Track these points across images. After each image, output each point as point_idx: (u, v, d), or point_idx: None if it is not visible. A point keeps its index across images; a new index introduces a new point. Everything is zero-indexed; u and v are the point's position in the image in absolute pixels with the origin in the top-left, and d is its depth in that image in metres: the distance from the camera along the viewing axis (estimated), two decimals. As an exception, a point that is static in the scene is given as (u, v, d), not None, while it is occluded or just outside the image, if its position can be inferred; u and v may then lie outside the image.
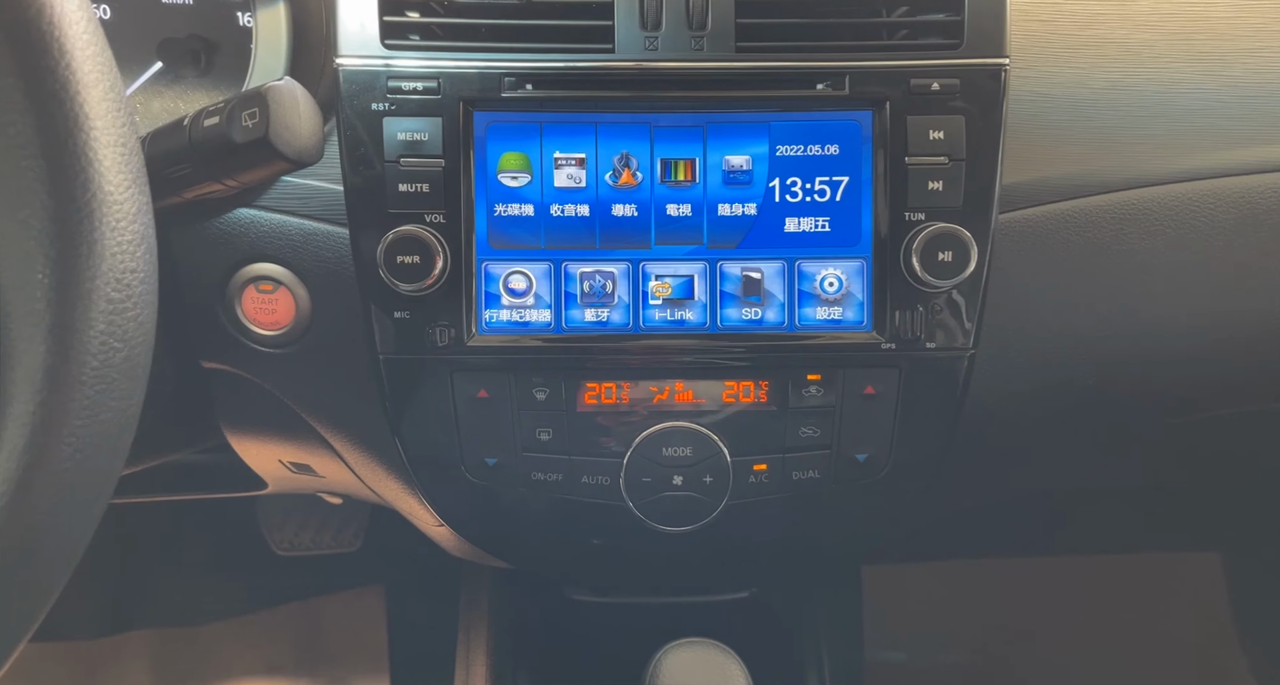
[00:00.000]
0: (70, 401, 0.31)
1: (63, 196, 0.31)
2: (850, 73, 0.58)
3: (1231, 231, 0.61)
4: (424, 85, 0.57)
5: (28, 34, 0.30)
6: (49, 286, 0.31)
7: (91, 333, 0.32)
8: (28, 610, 0.32)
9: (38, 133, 0.31)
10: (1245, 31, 0.62)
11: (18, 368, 0.31)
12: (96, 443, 0.32)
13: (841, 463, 0.60)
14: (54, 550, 0.33)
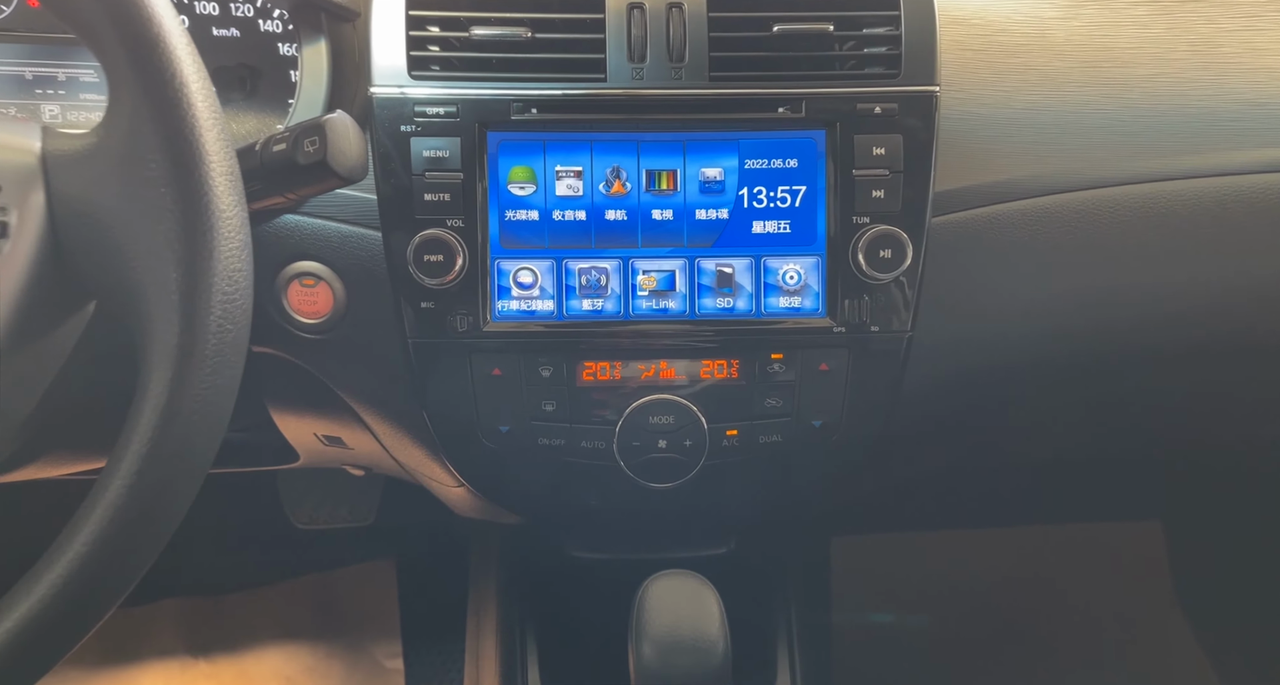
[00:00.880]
0: (196, 371, 0.40)
1: (189, 217, 0.40)
2: (806, 98, 0.65)
3: (1132, 231, 0.69)
4: (445, 110, 0.64)
5: (164, 96, 0.39)
6: (179, 283, 0.40)
7: (210, 318, 0.40)
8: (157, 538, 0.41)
9: (170, 168, 0.40)
10: (1143, 60, 0.70)
11: (156, 344, 0.40)
12: (213, 404, 0.41)
13: (801, 428, 0.67)
14: (178, 492, 0.42)
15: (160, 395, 0.39)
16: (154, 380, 0.40)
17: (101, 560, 0.38)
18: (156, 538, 0.41)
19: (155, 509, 0.40)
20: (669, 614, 0.55)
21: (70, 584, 0.38)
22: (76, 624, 0.40)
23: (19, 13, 0.68)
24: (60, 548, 0.38)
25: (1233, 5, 0.71)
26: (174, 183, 0.40)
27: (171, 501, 0.41)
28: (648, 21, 0.64)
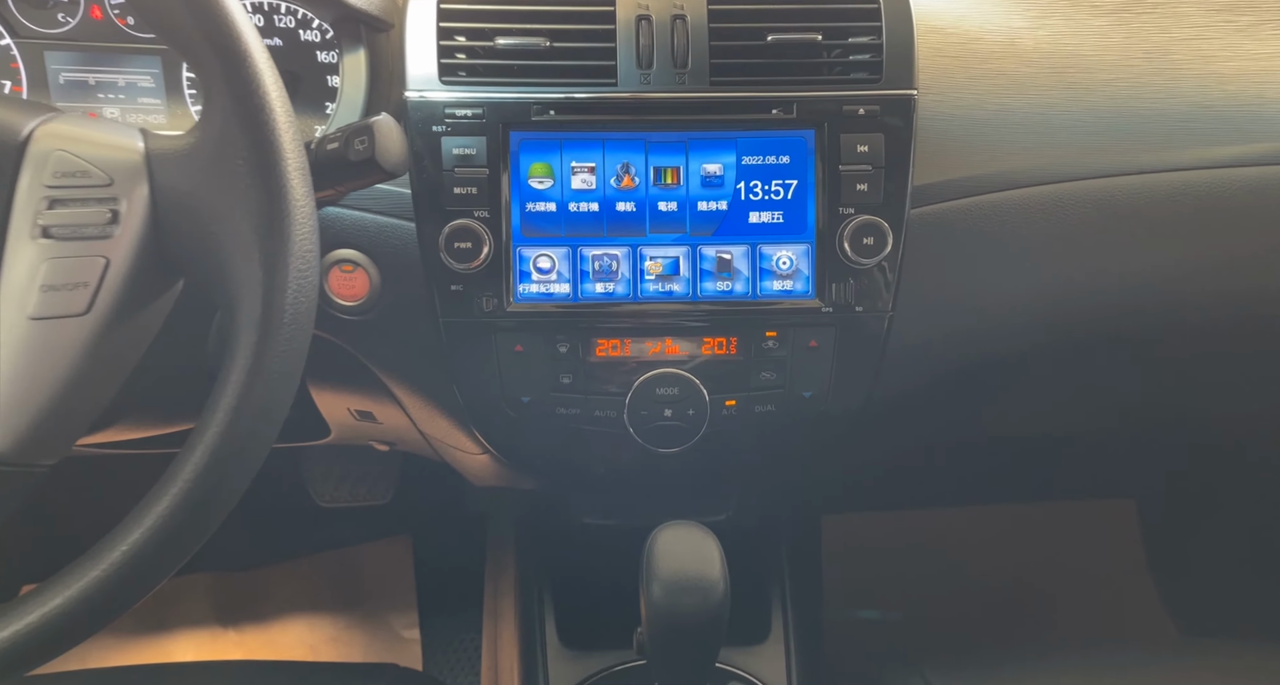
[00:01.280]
0: (276, 336, 0.47)
1: (270, 207, 0.46)
2: (797, 101, 0.71)
3: (1091, 222, 0.74)
4: (472, 112, 0.70)
5: (251, 105, 0.46)
6: (262, 262, 0.46)
7: (288, 292, 0.47)
8: (248, 472, 0.47)
9: (255, 165, 0.46)
10: (1103, 66, 0.75)
11: (243, 315, 0.46)
12: (290, 364, 0.48)
13: (792, 399, 0.73)
14: (264, 436, 0.48)
15: (248, 356, 0.46)
16: (242, 344, 0.46)
17: (205, 487, 0.45)
18: (247, 472, 0.48)
19: (246, 449, 0.46)
20: (675, 559, 0.61)
21: (182, 505, 0.44)
22: (193, 535, 0.46)
23: (83, 24, 0.74)
24: (169, 478, 0.45)
25: (1183, 17, 0.76)
26: (258, 178, 0.46)
27: (258, 443, 0.47)
28: (654, 32, 0.70)
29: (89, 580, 0.45)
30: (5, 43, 0.73)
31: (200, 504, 0.45)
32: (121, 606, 0.46)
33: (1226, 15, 0.76)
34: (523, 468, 0.79)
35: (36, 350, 0.46)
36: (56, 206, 0.47)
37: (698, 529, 0.62)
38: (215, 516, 0.47)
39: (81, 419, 0.50)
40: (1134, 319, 0.78)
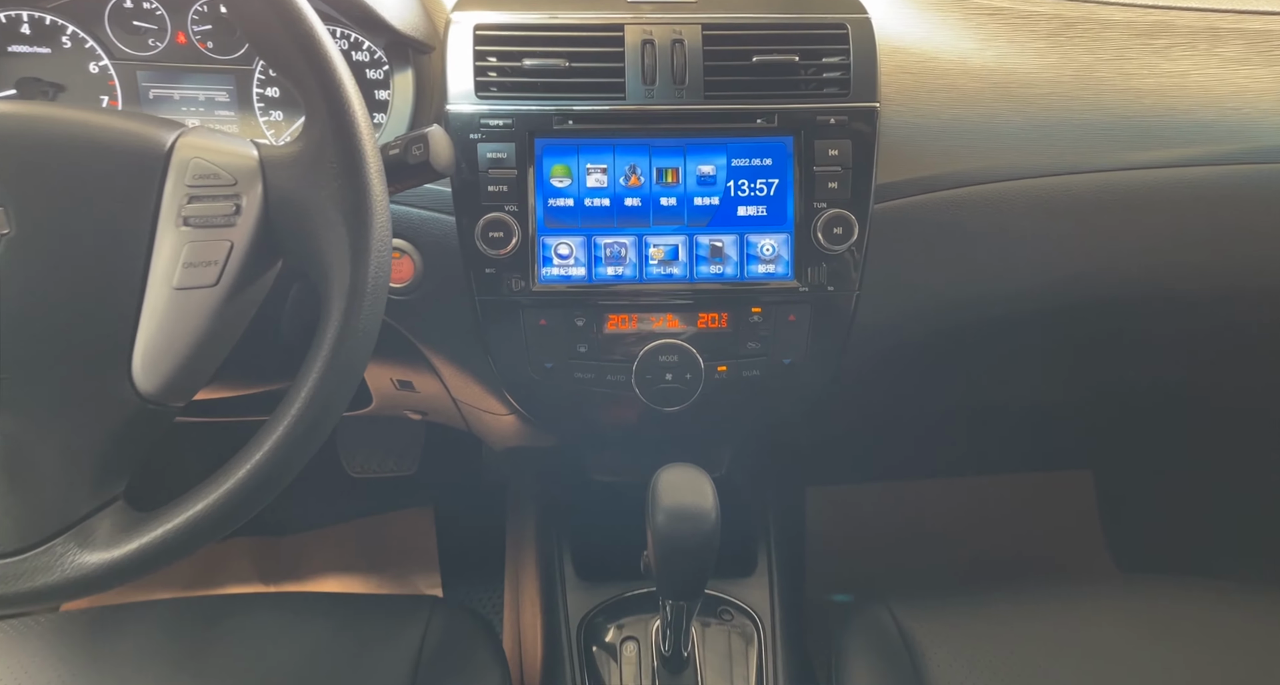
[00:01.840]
0: (360, 304, 0.57)
1: (356, 202, 0.57)
2: (778, 112, 0.80)
3: (1029, 214, 0.84)
4: (503, 122, 0.79)
5: (342, 122, 0.56)
6: (349, 245, 0.57)
7: (369, 269, 0.58)
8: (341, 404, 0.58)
9: (345, 169, 0.57)
10: (1039, 82, 0.85)
11: (334, 287, 0.57)
12: (371, 326, 0.58)
13: (774, 365, 0.83)
14: (352, 379, 0.59)
15: (340, 316, 0.57)
16: (334, 310, 0.57)
17: (315, 410, 0.55)
18: (342, 403, 0.58)
19: (341, 385, 0.57)
20: (675, 492, 0.71)
21: (300, 420, 0.55)
22: (310, 442, 0.57)
23: (170, 48, 0.85)
24: (286, 404, 0.56)
25: (1107, 41, 0.87)
26: (346, 179, 0.57)
27: (349, 382, 0.58)
28: (657, 54, 0.80)
29: (245, 471, 0.55)
30: (105, 63, 0.84)
31: (311, 423, 0.56)
32: (266, 496, 0.56)
33: (1144, 39, 0.87)
34: (545, 425, 0.90)
35: (178, 313, 0.57)
36: (194, 201, 0.58)
37: (694, 469, 0.73)
38: (322, 432, 0.57)
39: (206, 372, 0.61)
40: (1064, 298, 0.89)
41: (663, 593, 0.76)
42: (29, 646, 0.82)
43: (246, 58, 0.86)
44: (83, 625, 0.85)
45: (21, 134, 0.56)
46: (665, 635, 0.83)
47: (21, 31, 0.82)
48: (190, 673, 0.80)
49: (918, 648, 0.84)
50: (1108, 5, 0.89)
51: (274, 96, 0.87)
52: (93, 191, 0.56)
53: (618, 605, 0.93)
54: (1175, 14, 0.88)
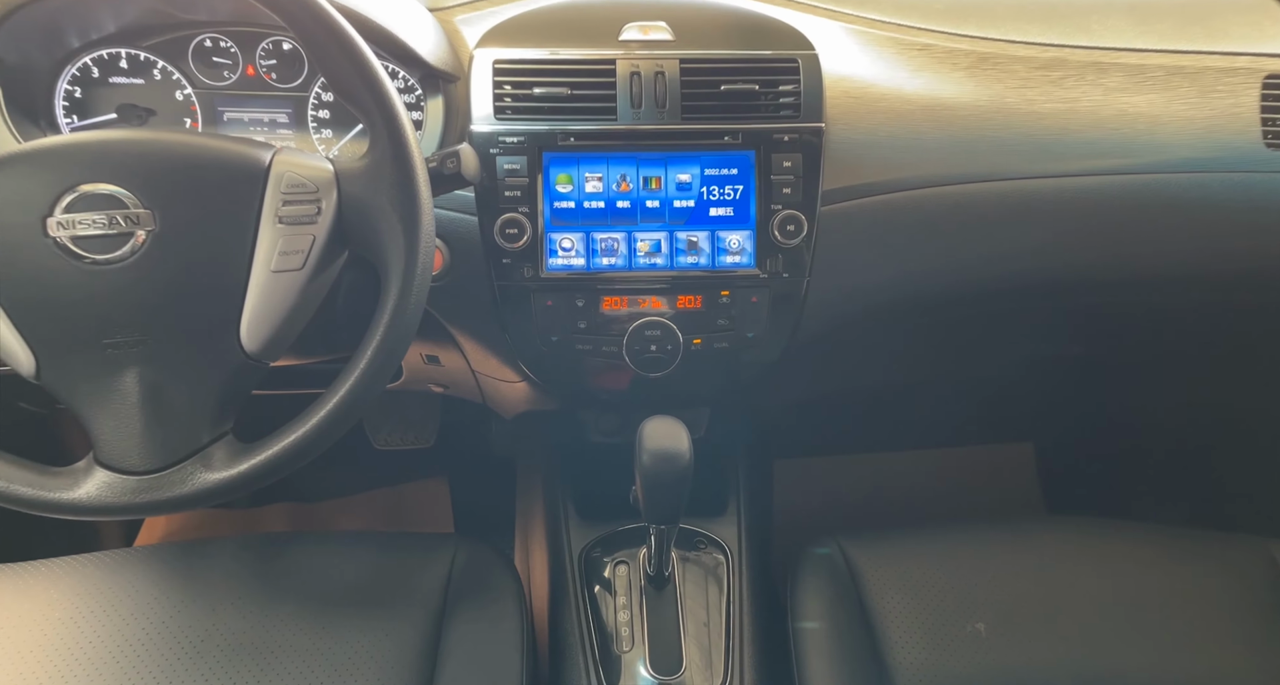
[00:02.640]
0: (412, 285, 0.71)
1: (409, 205, 0.71)
2: (742, 131, 0.93)
3: (949, 215, 0.98)
4: (517, 139, 0.92)
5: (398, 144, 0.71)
6: (404, 239, 0.71)
7: (419, 258, 0.72)
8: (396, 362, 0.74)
9: (400, 179, 0.72)
10: (959, 105, 0.99)
11: (391, 272, 0.71)
12: (419, 304, 0.72)
13: (739, 338, 0.97)
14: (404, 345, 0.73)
15: (397, 292, 0.72)
16: (391, 291, 0.72)
17: (381, 358, 0.70)
18: (399, 356, 0.72)
19: (399, 341, 0.71)
20: (658, 437, 0.85)
21: (370, 364, 0.69)
22: (378, 382, 0.71)
23: (240, 79, 1.00)
24: (359, 355, 0.70)
25: (1014, 72, 1.01)
26: (402, 188, 0.72)
27: (405, 340, 0.72)
28: (643, 83, 0.93)
29: (341, 395, 0.71)
30: (188, 92, 1.00)
31: (376, 372, 0.71)
32: (341, 430, 0.71)
33: (1043, 71, 1.02)
34: (551, 389, 1.06)
35: (273, 291, 0.72)
36: (287, 205, 0.72)
37: (673, 420, 0.89)
38: (384, 380, 0.72)
39: (290, 338, 0.76)
40: (980, 283, 1.03)
41: (648, 519, 0.91)
42: (103, 578, 0.95)
43: (303, 86, 1.02)
44: (153, 559, 0.98)
45: (162, 155, 0.71)
46: (651, 560, 0.99)
47: (120, 66, 0.98)
48: (255, 597, 0.94)
49: (859, 570, 1.00)
50: (1013, 43, 1.04)
51: (324, 118, 1.03)
52: (213, 197, 0.71)
53: (611, 539, 1.09)
54: (1068, 51, 1.03)
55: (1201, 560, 1.01)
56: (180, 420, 0.72)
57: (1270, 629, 0.93)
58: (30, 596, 0.93)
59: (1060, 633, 0.94)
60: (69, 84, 0.97)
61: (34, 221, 0.68)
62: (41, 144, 0.70)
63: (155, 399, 0.71)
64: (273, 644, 0.90)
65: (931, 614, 0.96)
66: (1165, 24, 1.05)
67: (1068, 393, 1.58)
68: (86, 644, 0.88)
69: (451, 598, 0.96)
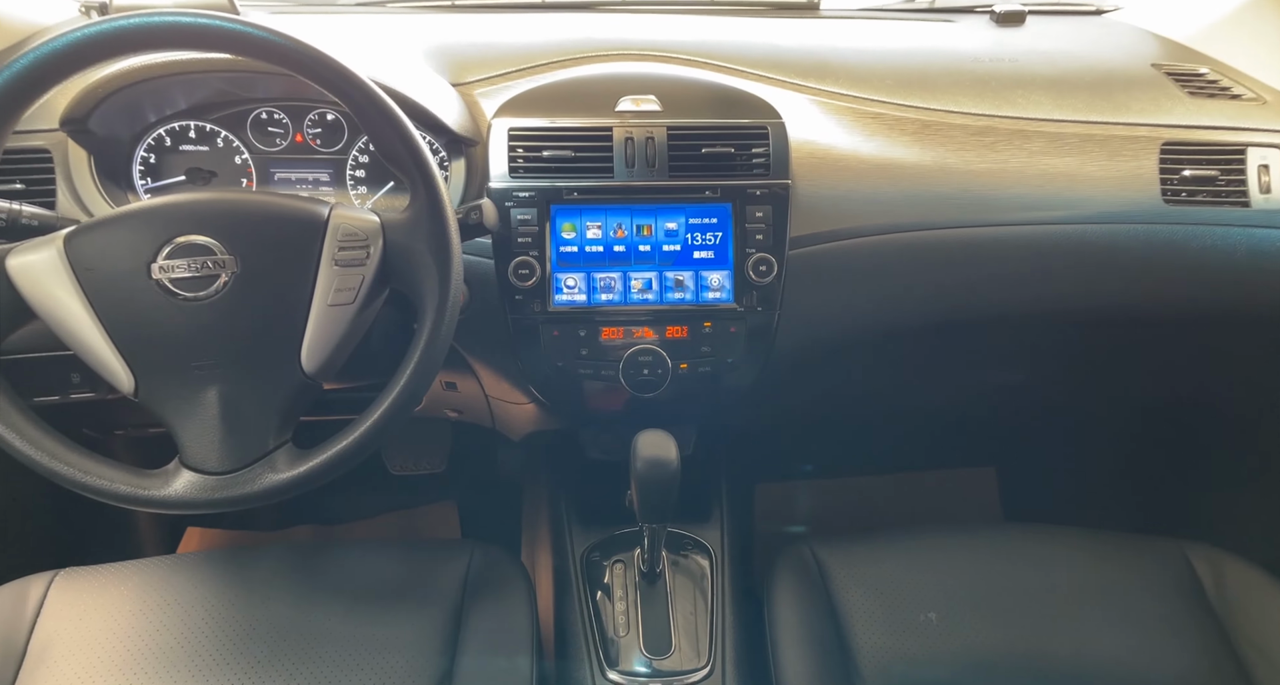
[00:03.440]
0: (443, 317, 0.84)
1: (441, 251, 0.84)
2: (721, 186, 1.05)
3: (901, 258, 1.12)
4: (528, 194, 1.04)
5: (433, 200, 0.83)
6: (437, 278, 0.84)
7: (450, 294, 0.84)
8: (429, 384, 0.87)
9: (434, 230, 0.85)
10: (906, 165, 1.12)
11: (427, 307, 0.84)
12: (448, 333, 0.83)
13: (721, 363, 1.08)
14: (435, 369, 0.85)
15: (429, 327, 0.84)
16: (427, 322, 0.84)
17: (417, 378, 0.82)
18: (432, 377, 0.85)
19: (432, 364, 0.84)
20: (650, 447, 0.97)
21: (407, 385, 0.82)
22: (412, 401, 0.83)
23: (290, 145, 1.15)
24: (398, 377, 0.84)
25: (953, 138, 1.15)
26: (436, 237, 0.85)
27: (436, 366, 0.85)
28: (635, 147, 1.05)
29: (384, 409, 0.83)
30: (245, 157, 1.15)
31: (413, 390, 0.83)
32: (381, 440, 0.83)
33: (977, 137, 1.16)
34: (557, 409, 1.18)
35: (329, 322, 0.85)
36: (342, 250, 0.85)
37: (663, 432, 1.02)
38: (419, 398, 0.85)
39: (340, 362, 0.88)
40: (929, 317, 1.16)
41: (642, 519, 1.04)
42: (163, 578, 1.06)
43: (343, 150, 1.17)
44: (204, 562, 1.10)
45: (244, 211, 0.85)
46: (644, 558, 1.12)
47: (189, 135, 1.13)
48: (296, 593, 1.05)
49: (827, 569, 1.13)
50: (951, 113, 1.19)
51: (360, 176, 1.18)
52: (283, 245, 0.85)
53: (609, 542, 1.21)
54: (997, 120, 1.18)
55: (1126, 559, 1.14)
56: (251, 430, 0.84)
57: (1178, 617, 1.06)
58: (103, 595, 1.04)
59: (1000, 620, 1.06)
60: (145, 151, 1.12)
61: (140, 266, 0.82)
62: (149, 204, 0.84)
63: (231, 412, 0.84)
64: (313, 633, 1.01)
65: (889, 605, 1.08)
66: (1078, 98, 1.21)
67: (1024, 418, 1.71)
68: (154, 633, 1.00)
69: (469, 593, 1.07)
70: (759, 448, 1.64)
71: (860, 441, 1.73)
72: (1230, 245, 1.14)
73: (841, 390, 1.37)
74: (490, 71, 1.19)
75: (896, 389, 1.41)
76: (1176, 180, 1.16)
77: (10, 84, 0.75)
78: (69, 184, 1.03)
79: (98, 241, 0.82)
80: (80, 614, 1.01)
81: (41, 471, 0.80)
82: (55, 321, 0.82)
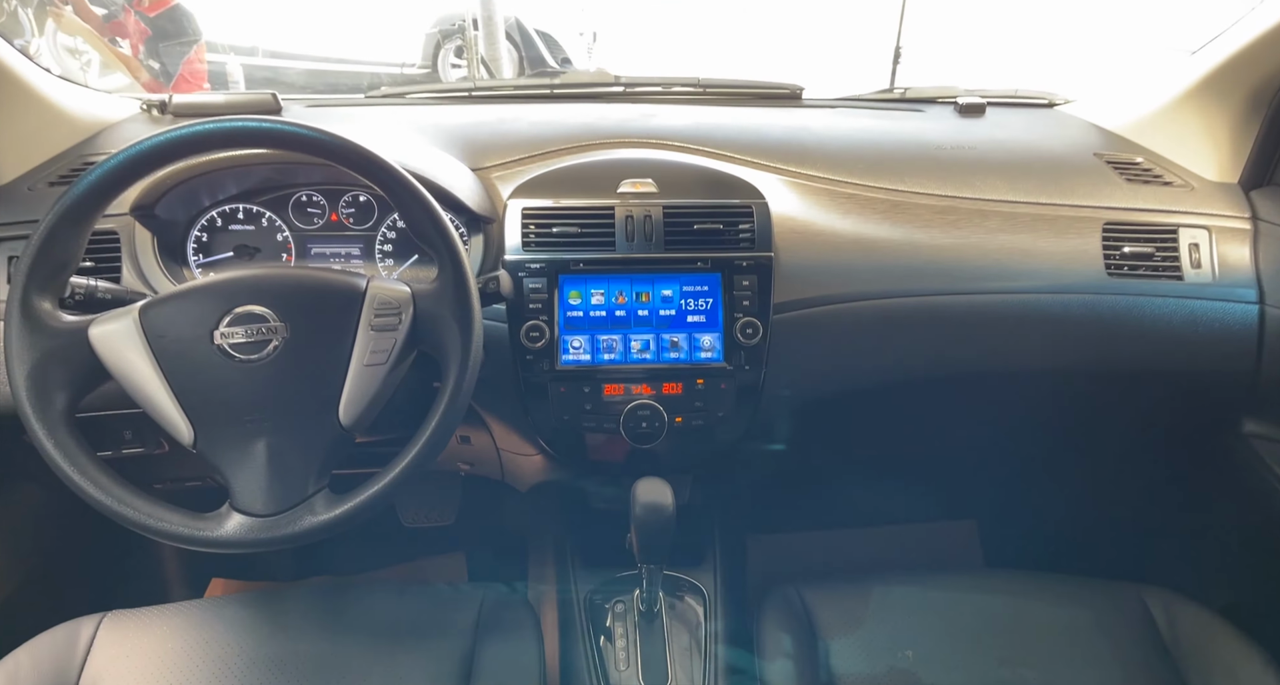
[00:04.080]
0: (465, 375, 0.93)
1: (464, 318, 0.95)
2: (711, 258, 1.15)
3: (874, 321, 1.22)
4: (539, 265, 1.14)
5: (457, 274, 0.94)
6: (460, 342, 0.94)
7: (472, 355, 0.94)
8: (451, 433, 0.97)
9: (458, 300, 0.96)
10: (880, 239, 1.23)
11: (451, 364, 0.94)
12: (469, 388, 0.93)
13: (712, 417, 1.17)
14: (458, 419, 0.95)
15: (452, 384, 0.93)
16: (451, 378, 0.94)
17: (440, 430, 0.91)
18: (452, 430, 0.95)
19: (455, 415, 0.94)
20: (648, 493, 1.07)
21: (432, 436, 0.90)
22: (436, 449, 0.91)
23: (325, 223, 1.28)
24: (423, 429, 0.93)
25: (919, 215, 1.27)
26: (460, 305, 0.95)
27: (457, 419, 0.94)
28: (635, 223, 1.16)
29: (411, 456, 0.92)
30: (286, 234, 1.27)
31: (436, 440, 0.92)
32: (406, 486, 0.91)
33: (941, 215, 1.28)
34: (563, 459, 1.27)
35: (365, 380, 0.94)
36: (378, 317, 0.95)
37: (660, 479, 1.11)
38: (441, 447, 0.93)
39: (372, 417, 0.97)
40: (901, 375, 1.27)
41: (641, 559, 1.13)
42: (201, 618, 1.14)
43: (373, 228, 1.30)
44: (237, 603, 1.18)
45: (295, 284, 0.95)
46: (643, 598, 1.20)
47: (238, 216, 1.26)
48: (322, 628, 1.13)
49: (813, 613, 1.20)
50: (917, 194, 1.32)
51: (388, 250, 1.30)
52: (328, 312, 0.95)
53: (610, 585, 1.29)
54: (958, 200, 1.31)
55: (1089, 601, 1.22)
56: (294, 476, 0.93)
57: (1134, 658, 1.13)
58: (146, 635, 1.12)
59: (972, 658, 1.14)
60: (198, 231, 1.25)
61: (205, 334, 0.92)
62: (214, 280, 0.95)
63: (277, 461, 0.92)
64: (337, 668, 1.09)
65: (870, 645, 1.16)
66: (1029, 182, 1.34)
67: (1002, 472, 1.80)
68: (194, 669, 1.07)
69: (481, 632, 1.15)
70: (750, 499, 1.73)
71: (846, 495, 1.81)
72: (1168, 313, 1.25)
73: (828, 445, 1.46)
74: (506, 157, 1.32)
75: (878, 443, 1.50)
76: (1118, 256, 1.28)
77: (104, 179, 0.88)
78: (134, 261, 1.15)
79: (168, 312, 0.93)
80: (127, 653, 1.08)
81: (110, 515, 0.89)
82: (128, 382, 0.92)
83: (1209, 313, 1.24)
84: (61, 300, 0.94)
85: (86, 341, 0.92)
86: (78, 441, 0.89)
